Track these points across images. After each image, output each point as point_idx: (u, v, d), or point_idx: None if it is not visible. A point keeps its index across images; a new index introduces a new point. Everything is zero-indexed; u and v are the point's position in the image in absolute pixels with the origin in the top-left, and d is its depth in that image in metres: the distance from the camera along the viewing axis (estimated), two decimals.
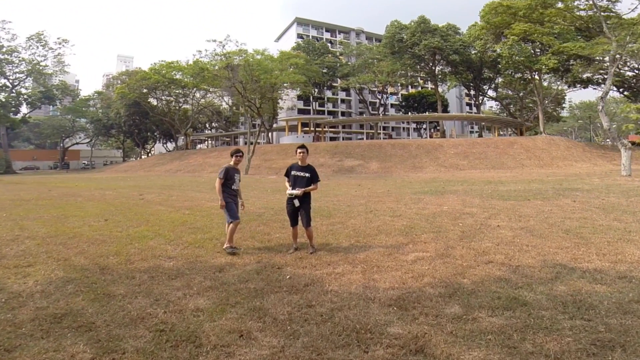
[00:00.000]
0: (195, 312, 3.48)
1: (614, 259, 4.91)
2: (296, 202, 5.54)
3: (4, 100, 54.16)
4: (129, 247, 6.13)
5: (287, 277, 4.48)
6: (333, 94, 73.30)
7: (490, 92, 58.57)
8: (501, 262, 4.88)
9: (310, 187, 5.61)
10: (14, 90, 56.22)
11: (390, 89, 68.25)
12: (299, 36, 73.50)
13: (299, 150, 5.67)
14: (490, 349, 2.70)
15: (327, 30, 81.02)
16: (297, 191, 5.50)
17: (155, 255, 5.57)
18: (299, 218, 5.68)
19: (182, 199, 13.78)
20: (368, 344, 2.82)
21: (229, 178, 5.69)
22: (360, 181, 22.24)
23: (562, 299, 3.59)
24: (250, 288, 4.12)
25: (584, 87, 46.75)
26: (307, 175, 5.62)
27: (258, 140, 40.48)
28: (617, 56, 25.80)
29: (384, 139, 53.69)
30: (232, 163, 5.81)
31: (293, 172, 5.66)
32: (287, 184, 5.73)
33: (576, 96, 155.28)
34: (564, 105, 65.24)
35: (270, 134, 55.76)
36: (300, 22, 78.40)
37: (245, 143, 44.13)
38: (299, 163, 5.71)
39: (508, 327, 3.03)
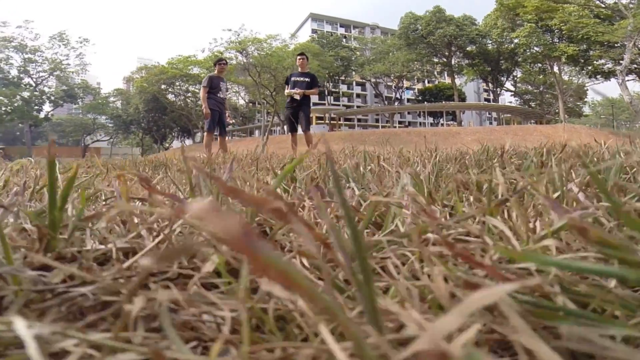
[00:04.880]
0: None
1: None
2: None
3: (27, 98, 55.94)
4: None
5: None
6: (348, 88, 72.83)
7: (509, 85, 57.06)
8: None
9: (310, 90, 5.45)
10: (37, 89, 57.93)
11: (406, 83, 67.38)
12: (314, 31, 73.38)
13: (298, 57, 5.52)
14: None
15: (341, 26, 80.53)
16: (297, 90, 5.36)
17: None
18: (298, 125, 5.54)
19: None
20: None
21: (214, 87, 5.56)
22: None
23: None
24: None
25: (606, 79, 44.74)
26: (307, 79, 5.46)
27: (272, 133, 40.53)
28: (635, 31, 25.19)
29: None
30: (216, 72, 5.73)
31: (293, 78, 5.50)
32: (286, 90, 5.60)
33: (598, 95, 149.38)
34: (585, 100, 62.83)
35: (285, 127, 55.76)
36: (314, 17, 78.32)
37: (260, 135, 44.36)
38: (299, 69, 5.56)
39: None
